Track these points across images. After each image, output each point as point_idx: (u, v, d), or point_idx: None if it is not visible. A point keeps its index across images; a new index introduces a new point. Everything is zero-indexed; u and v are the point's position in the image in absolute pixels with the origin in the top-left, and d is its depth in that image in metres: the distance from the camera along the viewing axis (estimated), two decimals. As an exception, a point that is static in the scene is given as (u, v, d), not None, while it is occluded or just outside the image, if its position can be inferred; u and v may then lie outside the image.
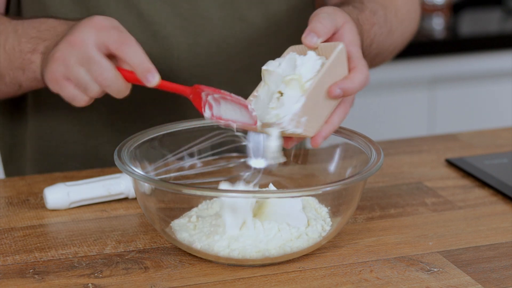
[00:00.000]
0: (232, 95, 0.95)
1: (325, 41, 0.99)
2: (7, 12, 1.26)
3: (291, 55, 0.98)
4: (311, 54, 0.97)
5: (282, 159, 0.98)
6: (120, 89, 0.99)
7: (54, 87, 1.03)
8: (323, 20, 0.99)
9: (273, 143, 0.96)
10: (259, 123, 0.95)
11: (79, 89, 1.01)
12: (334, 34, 1.00)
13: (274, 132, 0.95)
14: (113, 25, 0.99)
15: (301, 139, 1.00)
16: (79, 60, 0.99)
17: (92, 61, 0.98)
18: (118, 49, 0.97)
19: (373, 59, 1.26)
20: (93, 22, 0.99)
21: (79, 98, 1.02)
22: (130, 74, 0.98)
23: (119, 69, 0.99)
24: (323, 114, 0.97)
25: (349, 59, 0.99)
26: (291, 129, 0.94)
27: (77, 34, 0.99)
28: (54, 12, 1.20)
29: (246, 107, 0.94)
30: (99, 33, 0.98)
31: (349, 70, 0.98)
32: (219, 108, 0.97)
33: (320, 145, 0.98)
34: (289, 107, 0.94)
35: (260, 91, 0.99)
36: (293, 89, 0.95)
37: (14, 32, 1.12)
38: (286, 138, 0.98)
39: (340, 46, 0.97)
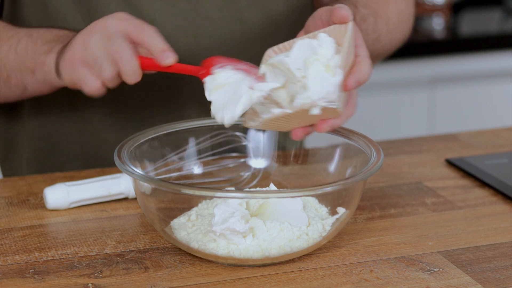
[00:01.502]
0: (244, 65, 0.96)
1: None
2: (0, 12, 1.26)
3: (300, 41, 0.97)
4: (323, 35, 0.97)
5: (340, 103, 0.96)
6: (134, 71, 1.01)
7: (67, 71, 1.05)
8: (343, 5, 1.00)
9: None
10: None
11: (93, 71, 1.03)
12: None
13: (316, 110, 0.93)
14: (133, 16, 1.03)
15: (324, 129, 0.97)
16: (98, 40, 1.02)
17: (112, 40, 1.01)
18: (137, 34, 1.01)
19: None
20: (114, 15, 1.03)
21: (91, 81, 1.04)
22: (146, 60, 1.01)
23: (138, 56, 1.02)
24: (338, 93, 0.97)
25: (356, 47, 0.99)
26: (336, 101, 0.93)
27: (99, 22, 1.03)
28: (54, 12, 1.20)
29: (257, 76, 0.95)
30: (120, 22, 1.02)
31: (356, 57, 0.98)
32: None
33: (348, 115, 0.97)
34: (320, 86, 0.93)
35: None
36: (317, 71, 0.95)
37: (28, 36, 1.13)
38: (316, 122, 0.96)
39: (351, 23, 0.98)
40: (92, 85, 1.04)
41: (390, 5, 1.27)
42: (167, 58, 1.00)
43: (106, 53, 1.01)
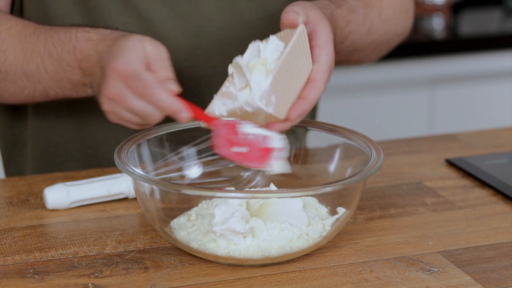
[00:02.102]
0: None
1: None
2: (11, 12, 1.26)
3: (252, 44, 0.99)
4: (273, 38, 0.99)
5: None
6: (183, 113, 0.99)
7: (111, 117, 1.05)
8: (302, 4, 1.01)
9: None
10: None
11: (140, 118, 1.01)
12: (312, 32, 1.01)
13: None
14: (132, 70, 0.99)
15: (279, 127, 0.99)
16: (130, 93, 0.99)
17: (144, 88, 0.98)
18: (145, 97, 0.99)
19: (349, 56, 1.26)
20: (115, 69, 0.99)
21: (138, 125, 1.03)
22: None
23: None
24: (293, 97, 0.98)
25: (313, 63, 1.00)
26: (263, 107, 0.95)
27: (109, 86, 1.00)
28: (54, 12, 1.20)
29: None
30: (124, 80, 0.99)
31: (310, 77, 1.00)
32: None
33: (295, 121, 0.99)
34: (257, 89, 0.96)
35: (228, 86, 1.00)
36: (259, 73, 0.97)
37: (49, 55, 1.12)
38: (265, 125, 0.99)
39: (301, 27, 0.99)
40: (138, 126, 1.03)
41: None
42: (183, 116, 0.99)
43: (148, 105, 0.99)
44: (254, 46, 0.99)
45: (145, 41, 1.01)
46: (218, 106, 0.99)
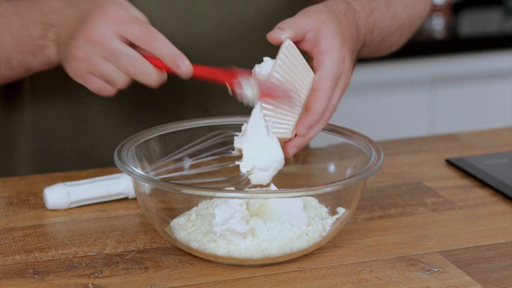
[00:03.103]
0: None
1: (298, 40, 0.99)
2: None
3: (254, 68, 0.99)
4: (267, 59, 0.98)
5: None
6: (152, 75, 0.99)
7: (79, 81, 1.03)
8: (295, 17, 0.99)
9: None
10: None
11: (106, 82, 1.01)
12: (315, 40, 1.00)
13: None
14: (128, 15, 0.99)
15: (290, 152, 0.99)
16: (103, 55, 0.99)
17: (118, 53, 0.98)
18: (144, 44, 0.97)
19: (379, 45, 1.23)
20: (107, 13, 0.98)
21: (106, 89, 1.02)
22: (159, 62, 0.99)
23: (146, 57, 0.99)
24: (293, 114, 0.98)
25: (316, 71, 0.99)
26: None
27: (94, 29, 0.98)
28: (50, 7, 1.20)
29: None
30: (118, 27, 0.98)
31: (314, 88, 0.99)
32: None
33: (309, 134, 0.98)
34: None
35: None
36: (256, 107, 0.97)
37: (16, 14, 1.10)
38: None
39: (286, 42, 0.97)
40: (110, 92, 1.02)
41: None
42: (183, 64, 0.98)
43: (116, 68, 0.99)
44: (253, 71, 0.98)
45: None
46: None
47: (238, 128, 1.06)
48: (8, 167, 1.33)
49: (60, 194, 1.07)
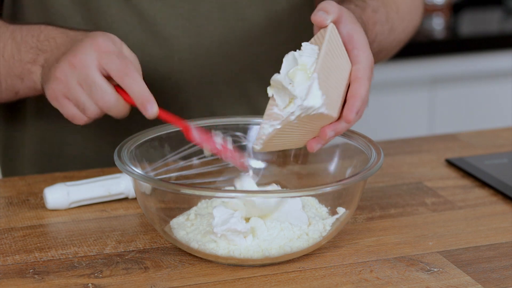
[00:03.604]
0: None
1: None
2: (0, 10, 1.25)
3: (287, 56, 0.98)
4: (305, 44, 0.97)
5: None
6: (120, 111, 1.01)
7: (54, 104, 1.04)
8: (329, 2, 0.99)
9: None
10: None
11: (78, 108, 1.02)
12: (346, 35, 1.00)
13: (292, 117, 0.94)
14: (115, 49, 1.00)
15: (328, 134, 0.98)
16: (80, 81, 1.00)
17: (93, 84, 0.99)
18: (119, 79, 0.99)
19: (375, 56, 1.24)
20: (95, 44, 1.00)
21: (78, 117, 1.03)
22: (130, 98, 1.00)
23: (119, 91, 1.00)
24: (339, 96, 0.97)
25: (353, 64, 0.98)
26: (315, 105, 0.93)
27: (79, 55, 1.00)
28: (54, 14, 1.20)
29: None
30: (101, 57, 0.99)
31: (352, 62, 0.98)
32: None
33: (354, 120, 0.97)
34: (304, 94, 0.94)
35: (271, 109, 0.98)
36: (301, 79, 0.95)
37: (12, 39, 1.12)
38: (311, 139, 0.98)
39: (330, 26, 0.97)
40: (80, 120, 1.03)
41: None
42: (151, 108, 0.98)
43: (89, 97, 1.00)
44: (288, 57, 0.97)
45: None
46: (267, 129, 0.97)
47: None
48: (14, 170, 1.33)
49: (60, 194, 1.07)
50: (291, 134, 0.97)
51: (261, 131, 0.97)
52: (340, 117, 0.97)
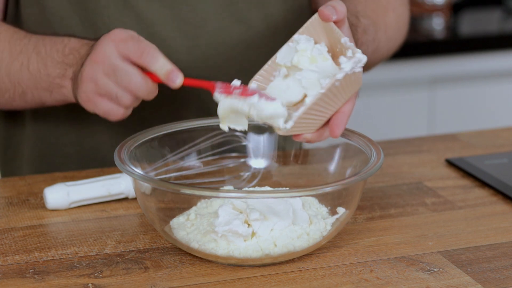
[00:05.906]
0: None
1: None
2: (5, 14, 1.26)
3: (279, 52, 0.99)
4: (295, 37, 0.98)
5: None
6: (150, 91, 1.02)
7: (89, 107, 1.07)
8: (339, 2, 0.99)
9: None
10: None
11: (112, 102, 1.04)
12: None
13: (340, 75, 0.95)
14: (130, 35, 1.02)
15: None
16: (106, 73, 1.02)
17: (118, 70, 1.01)
18: (139, 59, 1.01)
19: None
20: (111, 35, 1.03)
21: (114, 111, 1.05)
22: (157, 78, 1.01)
23: (145, 72, 1.02)
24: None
25: None
26: (361, 58, 0.95)
27: (98, 50, 1.03)
28: (52, 15, 1.20)
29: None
30: (118, 45, 1.01)
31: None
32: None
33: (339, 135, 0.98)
34: (321, 70, 0.96)
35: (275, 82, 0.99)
36: (305, 62, 0.97)
37: (37, 53, 1.13)
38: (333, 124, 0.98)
39: (331, 24, 0.98)
40: (118, 114, 1.05)
41: (389, 12, 1.27)
42: (176, 78, 1.00)
43: (118, 86, 1.02)
44: (282, 51, 0.99)
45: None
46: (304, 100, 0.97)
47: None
48: (13, 169, 1.33)
49: (60, 194, 1.07)
50: (317, 114, 0.96)
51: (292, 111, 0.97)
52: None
